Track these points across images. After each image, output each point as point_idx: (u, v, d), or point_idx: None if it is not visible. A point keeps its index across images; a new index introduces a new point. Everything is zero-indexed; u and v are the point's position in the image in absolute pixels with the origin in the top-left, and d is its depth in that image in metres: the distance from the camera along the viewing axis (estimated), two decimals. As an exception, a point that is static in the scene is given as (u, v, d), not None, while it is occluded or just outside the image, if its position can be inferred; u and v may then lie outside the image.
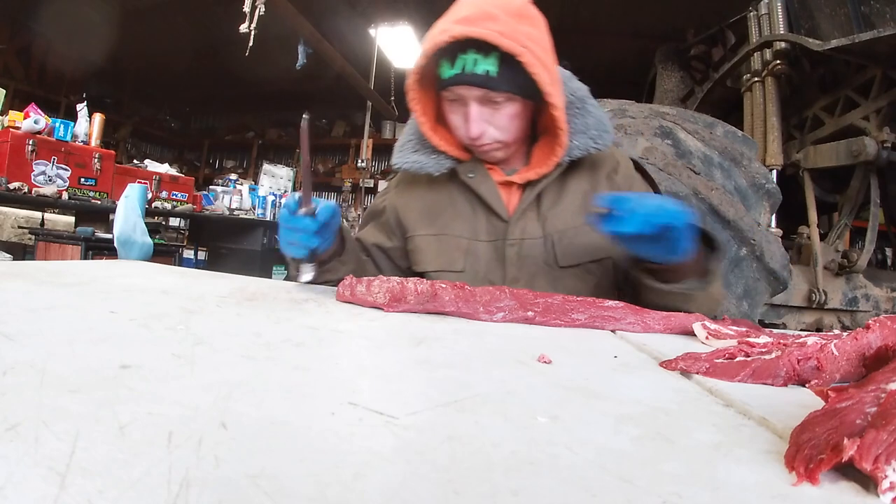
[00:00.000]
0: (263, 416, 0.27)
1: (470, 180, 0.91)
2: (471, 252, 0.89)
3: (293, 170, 5.46)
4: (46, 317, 0.43)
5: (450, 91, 0.82)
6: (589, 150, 0.88)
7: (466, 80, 0.79)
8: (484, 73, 0.78)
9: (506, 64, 0.78)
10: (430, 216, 0.94)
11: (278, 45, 4.02)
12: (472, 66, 0.78)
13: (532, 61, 0.76)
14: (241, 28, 3.22)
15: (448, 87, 0.82)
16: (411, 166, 0.92)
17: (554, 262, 0.87)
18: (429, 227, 0.93)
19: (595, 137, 0.88)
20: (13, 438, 0.21)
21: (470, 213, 0.92)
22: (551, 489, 0.21)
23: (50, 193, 2.89)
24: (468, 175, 0.91)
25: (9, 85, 4.79)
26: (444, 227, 0.92)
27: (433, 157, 0.92)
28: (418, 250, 0.93)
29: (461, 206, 0.93)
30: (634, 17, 4.85)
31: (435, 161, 0.91)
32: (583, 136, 0.88)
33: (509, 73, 0.78)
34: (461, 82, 0.80)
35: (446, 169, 0.91)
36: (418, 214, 0.95)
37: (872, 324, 0.42)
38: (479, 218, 0.91)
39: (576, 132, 0.88)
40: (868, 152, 2.37)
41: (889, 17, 2.40)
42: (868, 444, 0.22)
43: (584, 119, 0.89)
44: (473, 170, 0.92)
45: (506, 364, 0.42)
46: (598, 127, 0.89)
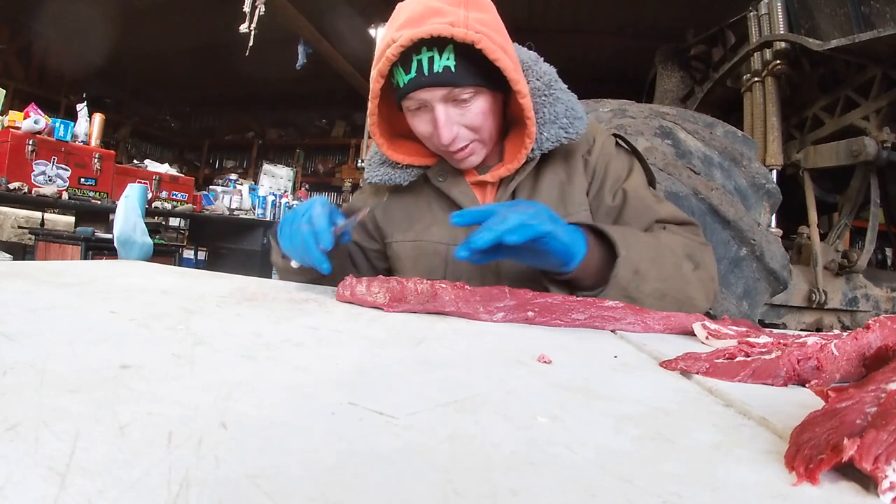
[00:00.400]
0: (263, 416, 0.27)
1: (441, 184, 0.87)
2: (450, 260, 0.86)
3: (293, 170, 5.46)
4: (46, 317, 0.43)
5: (411, 99, 0.76)
6: (560, 141, 0.82)
7: (426, 82, 0.73)
8: (444, 71, 0.72)
9: (464, 56, 0.72)
10: (408, 221, 0.91)
11: (278, 45, 4.02)
12: (428, 66, 0.72)
13: (491, 47, 0.71)
14: (241, 28, 3.22)
15: (408, 96, 0.75)
16: (380, 179, 0.90)
17: None
18: (406, 232, 0.90)
19: (566, 126, 0.82)
20: (13, 438, 0.21)
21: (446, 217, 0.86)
22: (551, 489, 0.21)
23: (50, 193, 2.89)
24: (438, 179, 0.87)
25: (9, 85, 4.80)
26: (422, 233, 0.89)
27: (401, 168, 0.88)
28: (396, 257, 0.91)
29: (438, 211, 0.89)
30: (635, 17, 4.85)
31: (402, 171, 0.88)
32: (553, 125, 0.82)
33: (470, 65, 0.73)
34: (421, 85, 0.73)
35: (414, 177, 0.88)
36: (396, 220, 0.92)
37: (872, 324, 0.42)
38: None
39: (545, 122, 0.82)
40: (868, 152, 2.37)
41: (889, 17, 2.40)
42: (868, 444, 0.22)
43: (552, 108, 0.83)
44: (443, 172, 0.88)
45: (506, 364, 0.42)
46: (569, 114, 0.83)
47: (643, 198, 0.85)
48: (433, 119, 0.76)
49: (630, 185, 0.86)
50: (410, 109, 0.78)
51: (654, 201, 0.86)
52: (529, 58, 0.87)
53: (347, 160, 7.30)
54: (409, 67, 0.73)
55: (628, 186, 0.86)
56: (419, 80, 0.73)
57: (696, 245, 0.80)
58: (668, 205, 0.87)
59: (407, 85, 0.74)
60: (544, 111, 0.82)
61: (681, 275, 0.74)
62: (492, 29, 0.73)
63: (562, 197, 0.85)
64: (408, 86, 0.74)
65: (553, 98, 0.83)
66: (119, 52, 5.85)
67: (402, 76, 0.74)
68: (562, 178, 0.86)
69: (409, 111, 0.79)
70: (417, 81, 0.73)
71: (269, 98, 7.33)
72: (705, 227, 1.58)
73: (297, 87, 6.31)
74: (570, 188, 0.86)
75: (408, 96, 0.75)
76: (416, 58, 0.72)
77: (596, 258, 0.71)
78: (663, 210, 0.85)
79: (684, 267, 0.75)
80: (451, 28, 0.69)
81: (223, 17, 4.23)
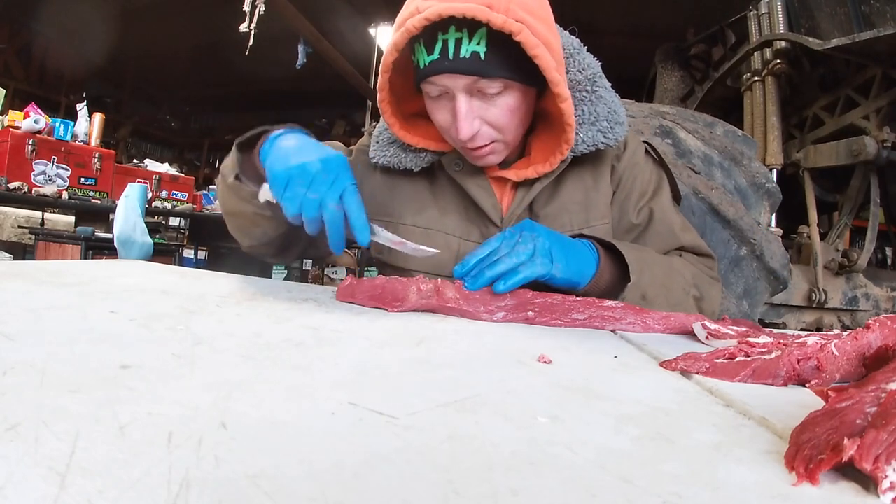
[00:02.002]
0: (263, 416, 0.27)
1: (457, 174, 0.78)
2: (461, 255, 0.79)
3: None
4: (46, 317, 0.43)
5: (430, 83, 0.66)
6: (598, 146, 0.75)
7: (450, 67, 0.63)
8: (471, 57, 0.62)
9: (497, 43, 0.62)
10: (419, 204, 0.82)
11: (278, 45, 4.02)
12: (455, 49, 0.62)
13: (532, 41, 0.61)
14: (241, 28, 3.22)
15: (428, 79, 0.66)
16: (390, 161, 0.80)
17: None
18: (416, 216, 0.81)
19: (605, 130, 0.74)
20: (13, 438, 0.21)
21: (461, 209, 0.81)
22: (551, 489, 0.21)
23: (50, 193, 2.90)
24: (454, 167, 0.79)
25: (9, 85, 4.80)
26: (433, 221, 0.81)
27: (412, 151, 0.79)
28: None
29: (451, 201, 0.81)
30: (634, 17, 4.85)
31: (414, 156, 0.79)
32: (592, 127, 0.74)
33: (503, 54, 0.63)
34: (444, 70, 0.64)
35: (427, 163, 0.79)
36: (405, 200, 0.83)
37: (872, 323, 0.42)
38: (470, 216, 0.81)
39: (583, 122, 0.74)
40: (868, 152, 2.37)
41: (889, 16, 2.40)
42: (868, 444, 0.22)
43: (593, 106, 0.75)
44: (460, 161, 0.78)
45: (506, 364, 0.42)
46: (610, 117, 0.75)
47: (670, 222, 0.81)
48: (454, 109, 0.67)
49: (658, 205, 0.81)
50: (430, 95, 0.69)
51: (679, 227, 0.82)
52: (572, 46, 0.77)
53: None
54: (433, 48, 0.63)
55: (655, 206, 0.81)
56: (442, 64, 0.63)
57: (706, 278, 0.78)
58: (692, 233, 0.83)
59: (428, 67, 0.64)
60: (584, 109, 0.74)
61: (686, 302, 0.73)
62: (536, 17, 0.63)
63: (585, 204, 0.79)
64: (429, 68, 0.64)
65: (595, 96, 0.75)
66: (119, 52, 5.85)
67: (424, 56, 0.64)
68: (587, 185, 0.79)
69: (429, 97, 0.70)
70: (440, 65, 0.63)
71: (269, 98, 7.33)
72: (705, 226, 1.58)
73: (297, 86, 6.32)
74: (595, 195, 0.80)
75: (428, 80, 0.66)
76: (442, 37, 0.62)
77: (606, 277, 0.69)
78: (686, 238, 0.81)
79: (690, 294, 0.74)
80: (489, 12, 0.59)
81: (223, 16, 4.24)
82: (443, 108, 0.69)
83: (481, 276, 0.60)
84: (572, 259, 0.65)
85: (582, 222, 0.79)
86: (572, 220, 0.79)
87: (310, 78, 5.45)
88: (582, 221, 0.79)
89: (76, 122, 3.26)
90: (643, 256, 0.70)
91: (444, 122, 0.71)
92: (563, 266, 0.63)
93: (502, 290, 0.60)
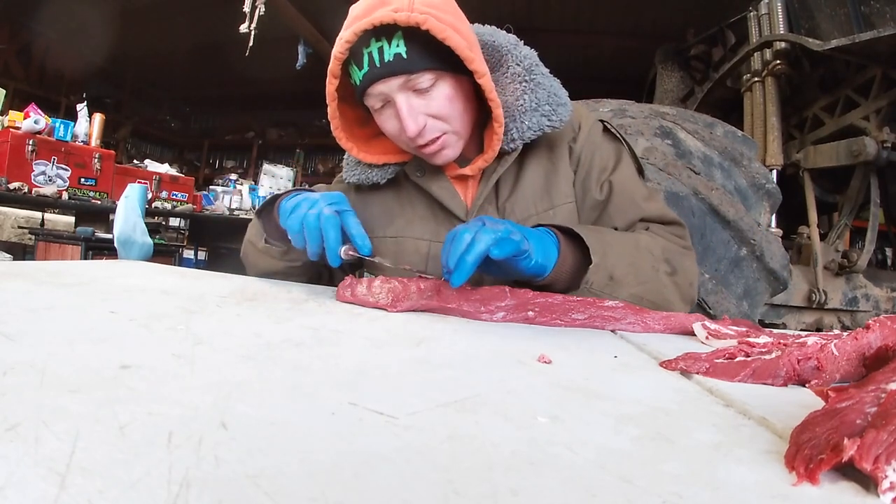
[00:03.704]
0: (263, 416, 0.27)
1: (419, 180, 0.84)
2: (432, 256, 0.83)
3: (293, 170, 5.46)
4: (46, 317, 0.43)
5: (369, 96, 0.73)
6: (543, 130, 0.78)
7: (379, 73, 0.70)
8: (395, 58, 0.69)
9: (414, 41, 0.69)
10: (388, 216, 0.88)
11: (278, 45, 4.02)
12: (379, 56, 0.69)
13: (438, 26, 0.67)
14: (241, 28, 3.23)
15: (366, 92, 0.73)
16: (358, 179, 0.87)
17: None
18: (386, 228, 0.87)
19: (549, 114, 0.78)
20: (13, 438, 0.21)
21: (428, 213, 0.86)
22: (551, 489, 0.21)
23: (50, 193, 2.90)
24: (416, 175, 0.84)
25: (9, 85, 4.79)
26: (402, 229, 0.86)
27: (376, 168, 0.86)
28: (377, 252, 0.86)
29: (418, 206, 0.86)
30: (634, 17, 4.85)
31: (378, 170, 0.86)
32: (535, 113, 0.78)
33: (422, 49, 0.69)
34: (375, 77, 0.70)
35: (392, 174, 0.85)
36: (375, 215, 0.88)
37: (872, 324, 0.42)
38: (438, 218, 0.85)
39: (526, 110, 0.78)
40: (868, 152, 2.37)
41: (889, 17, 2.40)
42: (868, 444, 0.22)
43: (533, 94, 0.79)
44: (422, 167, 0.84)
45: (506, 364, 0.42)
46: (551, 100, 0.79)
47: (631, 192, 0.83)
48: (397, 113, 0.72)
49: (617, 178, 0.83)
50: (375, 109, 0.75)
51: (641, 197, 0.83)
52: (509, 41, 0.83)
53: (347, 160, 7.30)
54: (362, 63, 0.70)
55: (615, 179, 0.83)
56: (372, 73, 0.70)
57: (677, 249, 0.78)
58: (656, 202, 0.84)
59: (363, 81, 0.71)
60: (525, 98, 0.78)
61: (657, 279, 0.73)
62: (439, 9, 0.69)
63: (546, 188, 0.82)
64: (363, 82, 0.71)
65: (534, 84, 0.79)
66: (119, 52, 5.85)
67: (357, 73, 0.71)
68: (546, 168, 0.83)
69: (375, 111, 0.76)
70: (371, 74, 0.70)
71: (269, 98, 7.32)
72: (705, 227, 1.58)
73: (297, 87, 6.30)
74: (555, 178, 0.83)
75: (366, 93, 0.73)
76: (366, 51, 0.70)
77: (570, 261, 0.70)
78: (650, 208, 0.82)
79: (661, 271, 0.74)
80: (394, 14, 0.66)
81: (223, 17, 4.23)
82: (389, 117, 0.75)
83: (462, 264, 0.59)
84: (535, 241, 0.66)
85: (547, 205, 0.82)
86: (536, 204, 0.82)
87: (310, 78, 5.43)
88: (547, 204, 0.82)
89: (76, 123, 3.26)
90: (604, 238, 0.71)
91: (394, 130, 0.76)
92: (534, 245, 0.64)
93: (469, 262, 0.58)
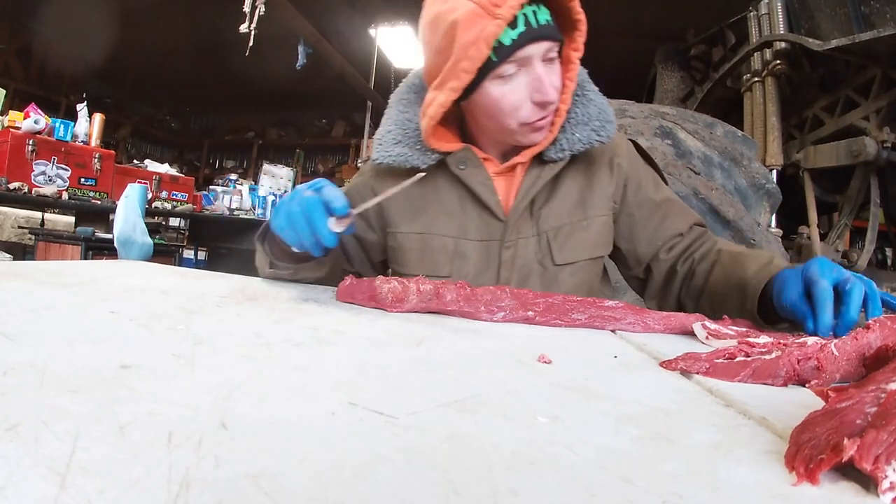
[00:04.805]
0: (263, 416, 0.27)
1: (461, 172, 0.81)
2: (458, 253, 0.82)
3: (293, 170, 5.46)
4: (46, 317, 0.43)
5: (515, 60, 0.71)
6: (592, 143, 0.79)
7: (536, 34, 0.69)
8: (546, 24, 0.70)
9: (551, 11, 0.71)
10: (414, 211, 0.85)
11: (278, 45, 4.02)
12: (534, 19, 0.69)
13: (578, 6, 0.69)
14: (241, 28, 3.22)
15: (515, 55, 0.70)
16: (395, 160, 0.82)
17: (549, 261, 0.81)
18: (412, 223, 0.85)
19: (598, 129, 0.79)
20: (13, 438, 0.21)
21: (458, 208, 0.83)
22: (551, 489, 0.21)
23: (50, 193, 2.89)
24: (459, 167, 0.81)
25: (9, 85, 4.80)
26: (429, 224, 0.84)
27: (418, 150, 0.82)
28: (400, 249, 0.85)
29: (448, 201, 0.84)
30: (634, 17, 4.85)
31: (420, 153, 0.81)
32: (585, 127, 0.79)
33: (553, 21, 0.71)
34: (531, 38, 0.69)
35: (434, 161, 0.81)
36: (401, 208, 0.85)
37: (872, 324, 0.42)
38: (468, 214, 0.83)
39: (577, 123, 0.79)
40: (868, 152, 2.37)
41: (889, 17, 2.40)
42: (868, 444, 0.22)
43: (584, 108, 0.80)
44: (465, 160, 0.82)
45: (506, 364, 0.42)
46: (602, 117, 0.80)
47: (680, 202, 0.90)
48: (531, 81, 0.72)
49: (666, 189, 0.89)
50: (505, 75, 0.72)
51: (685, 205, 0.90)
52: None
53: (347, 160, 7.31)
54: (515, 23, 0.69)
55: (665, 190, 0.89)
56: (529, 33, 0.69)
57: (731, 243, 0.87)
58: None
59: (517, 40, 0.69)
60: (577, 111, 0.80)
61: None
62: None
63: (581, 200, 0.83)
64: (518, 40, 0.69)
65: (586, 99, 0.81)
66: (119, 52, 5.84)
67: (510, 33, 0.69)
68: (581, 183, 0.84)
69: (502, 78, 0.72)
70: (528, 34, 0.69)
71: (269, 98, 7.32)
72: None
73: (297, 87, 6.31)
74: (589, 193, 0.84)
75: (514, 55, 0.70)
76: (520, 13, 0.69)
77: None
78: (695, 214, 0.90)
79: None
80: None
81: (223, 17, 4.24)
82: (517, 86, 0.73)
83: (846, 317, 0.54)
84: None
85: (581, 216, 0.83)
86: (571, 214, 0.83)
87: (310, 78, 5.44)
88: (581, 215, 0.83)
89: (76, 123, 3.26)
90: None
91: (516, 101, 0.73)
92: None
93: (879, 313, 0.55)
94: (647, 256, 0.86)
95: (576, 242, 0.82)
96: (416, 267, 0.83)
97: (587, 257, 0.83)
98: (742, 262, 0.74)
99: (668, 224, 0.85)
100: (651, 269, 0.86)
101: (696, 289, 0.82)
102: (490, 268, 0.82)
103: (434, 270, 0.82)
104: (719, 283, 0.77)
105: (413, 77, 0.89)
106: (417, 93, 0.87)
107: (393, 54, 5.44)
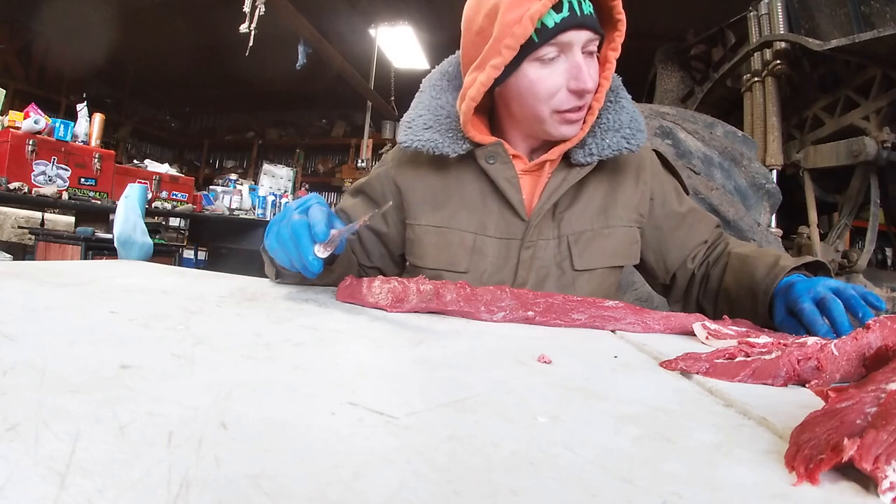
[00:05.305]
0: (263, 416, 0.27)
1: (489, 166, 0.80)
2: (476, 250, 0.81)
3: (293, 170, 5.46)
4: (46, 317, 0.43)
5: (556, 44, 0.70)
6: (621, 150, 0.78)
7: (579, 21, 0.69)
8: (589, 14, 0.70)
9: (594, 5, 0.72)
10: (435, 203, 0.83)
11: (278, 45, 4.02)
12: (578, 6, 0.69)
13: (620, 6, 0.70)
14: (241, 28, 3.22)
15: (556, 38, 0.70)
16: (425, 145, 0.80)
17: (569, 265, 0.80)
18: (431, 215, 0.83)
19: (629, 137, 0.79)
20: (13, 438, 0.21)
21: (479, 203, 0.82)
22: (551, 489, 0.21)
23: (50, 193, 2.89)
24: (487, 160, 0.80)
25: (9, 85, 4.79)
26: (449, 218, 0.82)
27: (450, 137, 0.80)
28: (418, 242, 0.84)
29: (467, 196, 0.82)
30: (634, 17, 4.84)
31: (452, 141, 0.79)
32: (616, 133, 0.78)
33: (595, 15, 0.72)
34: (574, 24, 0.69)
35: (464, 150, 0.79)
36: (422, 199, 0.84)
37: (872, 324, 0.42)
38: (488, 210, 0.81)
39: (609, 129, 0.79)
40: (868, 152, 2.37)
41: (889, 17, 2.40)
42: (868, 444, 0.22)
43: (616, 115, 0.79)
44: (495, 154, 0.80)
45: (506, 364, 0.42)
46: (633, 125, 0.80)
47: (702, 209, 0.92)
48: (569, 68, 0.72)
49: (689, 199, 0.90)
50: (545, 59, 0.72)
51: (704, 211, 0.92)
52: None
53: (347, 160, 7.30)
54: (560, 7, 0.69)
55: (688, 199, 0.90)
56: (573, 18, 0.69)
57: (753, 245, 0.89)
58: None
59: (560, 23, 0.69)
60: (609, 117, 0.79)
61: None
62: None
63: (604, 207, 0.83)
64: (561, 24, 0.69)
65: (619, 105, 0.81)
66: (119, 52, 5.84)
67: (553, 16, 0.69)
68: (605, 190, 0.83)
69: (542, 61, 0.72)
70: (571, 19, 0.69)
71: (269, 98, 7.32)
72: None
73: (297, 87, 6.30)
74: (612, 201, 0.83)
75: (556, 38, 0.70)
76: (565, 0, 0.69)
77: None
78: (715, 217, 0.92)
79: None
80: None
81: (223, 17, 4.23)
82: (554, 72, 0.72)
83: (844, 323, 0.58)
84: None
85: (603, 223, 0.83)
86: (593, 221, 0.83)
87: (310, 78, 5.44)
88: (603, 223, 0.83)
89: (76, 123, 3.26)
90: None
91: (553, 87, 0.73)
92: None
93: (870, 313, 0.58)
94: (674, 266, 0.87)
95: (596, 249, 0.81)
96: (434, 261, 0.82)
97: (606, 265, 0.82)
98: (749, 266, 0.74)
99: (693, 233, 0.87)
100: (676, 275, 0.88)
101: (712, 291, 0.83)
102: (508, 266, 0.81)
103: (451, 265, 0.81)
104: (731, 286, 0.78)
105: (446, 65, 0.88)
106: (451, 81, 0.86)
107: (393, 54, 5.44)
